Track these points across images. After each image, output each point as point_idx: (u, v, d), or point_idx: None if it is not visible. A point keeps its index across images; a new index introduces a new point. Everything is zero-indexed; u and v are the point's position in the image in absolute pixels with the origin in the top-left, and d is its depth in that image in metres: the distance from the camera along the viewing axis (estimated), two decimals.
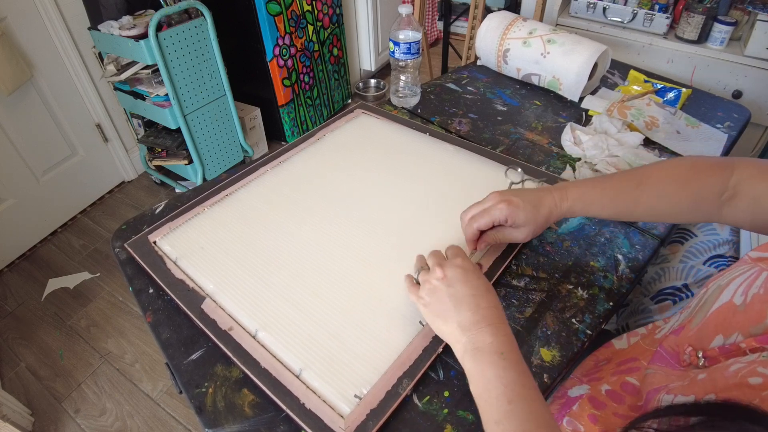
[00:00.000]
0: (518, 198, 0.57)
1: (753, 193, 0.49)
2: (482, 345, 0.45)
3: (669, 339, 0.49)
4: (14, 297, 1.65)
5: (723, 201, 0.52)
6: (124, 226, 0.74)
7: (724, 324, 0.42)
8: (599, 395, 0.51)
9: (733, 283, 0.44)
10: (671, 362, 0.47)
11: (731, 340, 0.41)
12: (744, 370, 0.35)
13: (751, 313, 0.40)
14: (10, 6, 1.55)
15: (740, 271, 0.44)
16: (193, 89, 1.69)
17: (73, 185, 1.91)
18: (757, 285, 0.41)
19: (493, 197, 0.58)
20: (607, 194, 0.56)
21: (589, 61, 0.93)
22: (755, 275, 0.42)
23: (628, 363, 0.53)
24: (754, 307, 0.40)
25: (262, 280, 0.62)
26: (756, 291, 0.41)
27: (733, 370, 0.36)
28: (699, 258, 0.71)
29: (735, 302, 0.42)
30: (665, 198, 0.54)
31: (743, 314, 0.41)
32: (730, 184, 0.51)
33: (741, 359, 0.37)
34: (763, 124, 1.40)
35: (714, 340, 0.42)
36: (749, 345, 0.38)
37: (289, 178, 0.79)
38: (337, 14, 2.17)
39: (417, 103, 1.01)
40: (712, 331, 0.43)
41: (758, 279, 0.41)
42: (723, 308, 0.43)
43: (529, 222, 0.56)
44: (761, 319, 0.39)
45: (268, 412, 0.50)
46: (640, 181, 0.55)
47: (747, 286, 0.42)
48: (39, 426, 1.30)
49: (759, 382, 0.33)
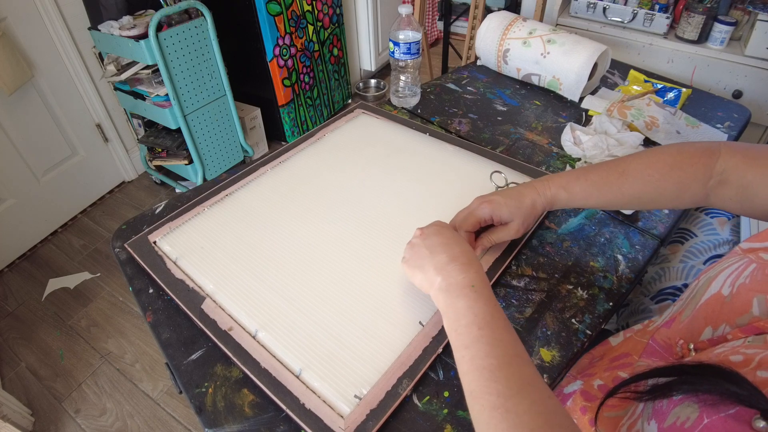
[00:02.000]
0: (498, 196, 0.59)
1: (741, 182, 0.49)
2: (454, 281, 0.47)
3: (660, 332, 0.50)
4: (14, 297, 1.65)
5: (710, 187, 0.52)
6: (124, 226, 0.74)
7: (712, 316, 0.42)
8: (591, 389, 0.52)
9: (722, 275, 0.44)
10: (664, 355, 0.47)
11: (719, 331, 0.41)
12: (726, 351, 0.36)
13: (737, 303, 0.40)
14: (10, 6, 1.55)
15: (730, 262, 0.44)
16: (193, 89, 1.69)
17: (74, 185, 1.91)
18: (744, 276, 0.41)
19: (475, 201, 0.60)
20: (591, 183, 0.57)
21: (589, 61, 0.93)
22: (744, 266, 0.42)
23: (620, 359, 0.53)
24: (740, 298, 0.40)
25: (262, 279, 0.62)
26: (743, 281, 0.41)
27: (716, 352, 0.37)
28: (699, 258, 0.71)
29: (723, 293, 0.42)
30: (650, 185, 0.54)
31: (730, 305, 0.41)
32: (716, 170, 0.51)
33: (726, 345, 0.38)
34: (763, 124, 1.40)
35: (704, 333, 0.42)
36: (735, 336, 0.38)
37: (289, 178, 0.79)
38: (337, 14, 2.17)
39: (417, 103, 1.01)
40: (701, 323, 0.43)
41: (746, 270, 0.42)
42: (711, 300, 0.43)
43: (514, 216, 0.58)
44: (746, 310, 0.39)
45: (268, 412, 0.50)
46: (624, 169, 0.56)
47: (735, 278, 0.42)
48: (39, 426, 1.30)
49: (740, 359, 0.34)
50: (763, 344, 0.34)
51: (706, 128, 0.90)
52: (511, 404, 0.36)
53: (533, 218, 0.59)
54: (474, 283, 0.46)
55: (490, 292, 0.47)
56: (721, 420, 0.30)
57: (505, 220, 0.59)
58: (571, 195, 0.57)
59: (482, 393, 0.38)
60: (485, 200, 0.59)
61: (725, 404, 0.30)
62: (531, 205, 0.58)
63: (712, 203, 0.53)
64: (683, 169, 0.53)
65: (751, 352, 0.34)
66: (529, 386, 0.38)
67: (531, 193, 0.58)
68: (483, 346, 0.41)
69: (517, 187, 0.60)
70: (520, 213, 0.58)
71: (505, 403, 0.37)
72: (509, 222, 0.59)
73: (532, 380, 0.38)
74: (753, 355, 0.33)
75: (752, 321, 0.38)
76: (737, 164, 0.50)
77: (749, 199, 0.49)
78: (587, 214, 0.72)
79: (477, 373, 0.40)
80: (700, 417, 0.31)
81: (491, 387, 0.38)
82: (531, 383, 0.38)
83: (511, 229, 0.59)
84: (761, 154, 0.49)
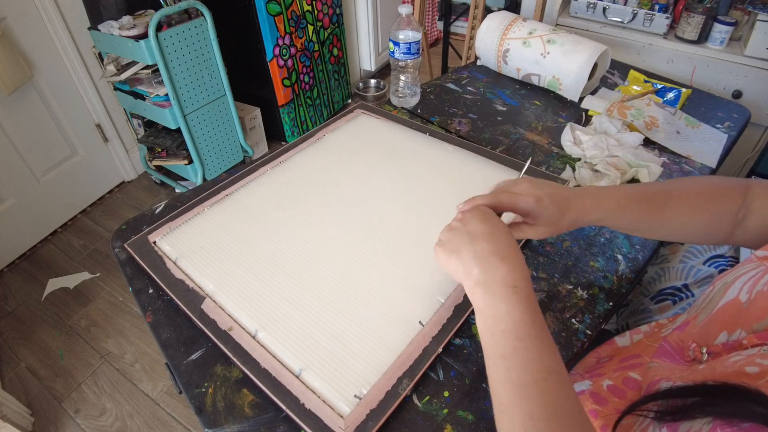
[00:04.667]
0: (548, 197, 0.51)
1: (764, 213, 0.49)
2: (495, 276, 0.43)
3: (673, 334, 0.50)
4: (14, 297, 1.65)
5: (737, 222, 0.51)
6: (124, 226, 0.74)
7: (729, 321, 0.42)
8: (601, 390, 0.51)
9: (738, 281, 0.44)
10: (675, 357, 0.47)
11: (735, 336, 0.41)
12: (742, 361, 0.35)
13: (754, 310, 0.40)
14: (10, 6, 1.55)
15: (746, 269, 0.44)
16: (193, 89, 1.69)
17: (73, 185, 1.91)
18: (762, 283, 0.41)
19: (526, 187, 0.52)
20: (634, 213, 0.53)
21: (589, 61, 0.93)
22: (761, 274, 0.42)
23: (630, 359, 0.53)
24: (758, 304, 0.40)
25: (262, 279, 0.62)
26: (761, 288, 0.41)
27: (732, 361, 0.37)
28: (699, 258, 0.71)
29: (740, 299, 0.42)
30: (686, 218, 0.53)
31: (747, 311, 0.41)
32: (745, 203, 0.50)
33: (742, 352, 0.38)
34: (763, 124, 1.40)
35: (719, 337, 0.42)
36: (750, 341, 0.38)
37: (289, 178, 0.79)
38: (337, 14, 2.17)
39: (417, 103, 1.01)
40: (716, 327, 0.43)
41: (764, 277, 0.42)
42: (728, 305, 0.43)
43: (549, 224, 0.52)
44: (764, 316, 0.39)
45: (268, 412, 0.50)
46: (664, 202, 0.53)
47: (753, 284, 0.42)
48: (39, 426, 1.30)
49: (756, 371, 0.33)
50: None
51: (706, 128, 0.90)
52: (541, 426, 0.35)
53: (566, 231, 0.54)
54: (517, 284, 0.43)
55: (532, 292, 0.43)
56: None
57: (539, 223, 0.52)
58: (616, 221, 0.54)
59: (513, 409, 0.37)
60: (534, 194, 0.51)
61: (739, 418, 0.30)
62: (572, 221, 0.52)
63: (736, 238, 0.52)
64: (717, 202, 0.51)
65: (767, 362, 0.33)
66: (562, 410, 0.36)
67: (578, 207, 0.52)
68: (519, 359, 0.39)
69: (568, 192, 0.53)
70: (556, 223, 0.52)
71: (535, 425, 0.35)
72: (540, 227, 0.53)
73: (566, 401, 0.37)
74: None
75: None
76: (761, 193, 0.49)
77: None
78: None
79: (509, 387, 0.38)
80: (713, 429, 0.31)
81: (523, 405, 0.37)
82: (565, 405, 0.36)
83: (537, 231, 0.53)
84: None
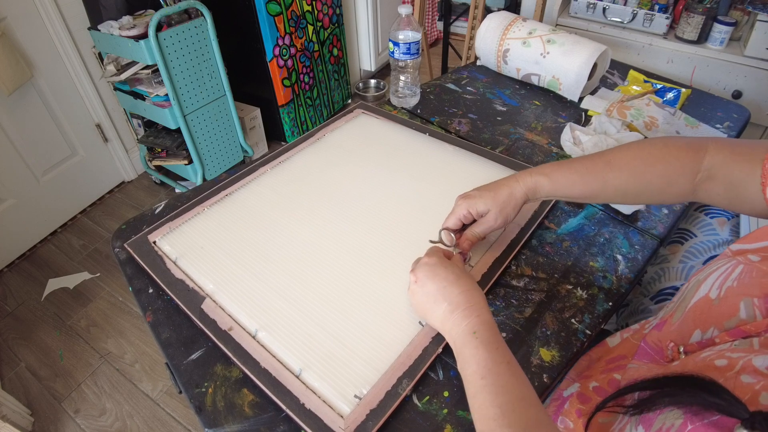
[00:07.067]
0: (475, 190, 0.60)
1: (729, 178, 0.49)
2: (459, 329, 0.48)
3: (652, 334, 0.50)
4: (14, 297, 1.65)
5: (697, 182, 0.51)
6: (124, 226, 0.74)
7: (701, 318, 0.42)
8: (587, 391, 0.52)
9: (710, 278, 0.44)
10: (655, 357, 0.47)
11: (708, 334, 0.41)
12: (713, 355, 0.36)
13: (725, 307, 0.40)
14: (10, 6, 1.55)
15: (719, 264, 0.44)
16: (193, 89, 1.69)
17: (73, 185, 1.91)
18: (732, 278, 0.41)
19: (456, 200, 0.61)
20: (574, 171, 0.56)
21: (589, 61, 0.93)
22: (731, 269, 0.42)
23: (616, 361, 0.53)
24: (727, 301, 0.40)
25: (262, 279, 0.62)
26: (730, 284, 0.41)
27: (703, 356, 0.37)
28: (699, 258, 0.71)
29: (711, 296, 0.42)
30: (635, 177, 0.54)
31: (718, 308, 0.41)
32: (704, 166, 0.50)
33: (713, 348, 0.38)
34: (763, 124, 1.40)
35: (693, 335, 0.42)
36: (722, 340, 0.38)
37: (289, 178, 0.79)
38: (337, 14, 2.17)
39: (417, 103, 1.01)
40: (691, 326, 0.43)
41: (734, 272, 0.41)
42: (700, 303, 0.43)
43: (489, 206, 0.58)
44: (734, 313, 0.39)
45: (268, 412, 0.50)
46: (609, 160, 0.55)
47: (723, 280, 0.42)
48: (39, 426, 1.30)
49: (724, 364, 0.34)
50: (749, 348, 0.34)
51: (705, 128, 0.90)
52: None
53: (512, 207, 0.58)
54: (476, 329, 0.46)
55: (493, 334, 0.46)
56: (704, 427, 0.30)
57: (483, 212, 0.59)
58: (554, 183, 0.57)
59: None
60: (461, 196, 0.60)
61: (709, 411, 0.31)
62: (508, 194, 0.58)
63: (700, 198, 0.53)
64: (669, 162, 0.52)
65: (735, 356, 0.34)
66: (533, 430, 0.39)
67: (509, 182, 0.58)
68: (487, 395, 0.42)
69: (498, 179, 0.60)
70: (496, 203, 0.58)
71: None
72: (487, 213, 0.59)
73: (537, 423, 0.39)
74: (737, 359, 0.33)
75: (739, 324, 0.38)
76: (725, 160, 0.49)
77: (737, 196, 0.49)
78: (587, 213, 0.73)
79: (483, 422, 0.41)
80: (684, 423, 0.31)
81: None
82: (536, 426, 0.39)
83: (489, 219, 0.59)
84: (749, 150, 0.48)
